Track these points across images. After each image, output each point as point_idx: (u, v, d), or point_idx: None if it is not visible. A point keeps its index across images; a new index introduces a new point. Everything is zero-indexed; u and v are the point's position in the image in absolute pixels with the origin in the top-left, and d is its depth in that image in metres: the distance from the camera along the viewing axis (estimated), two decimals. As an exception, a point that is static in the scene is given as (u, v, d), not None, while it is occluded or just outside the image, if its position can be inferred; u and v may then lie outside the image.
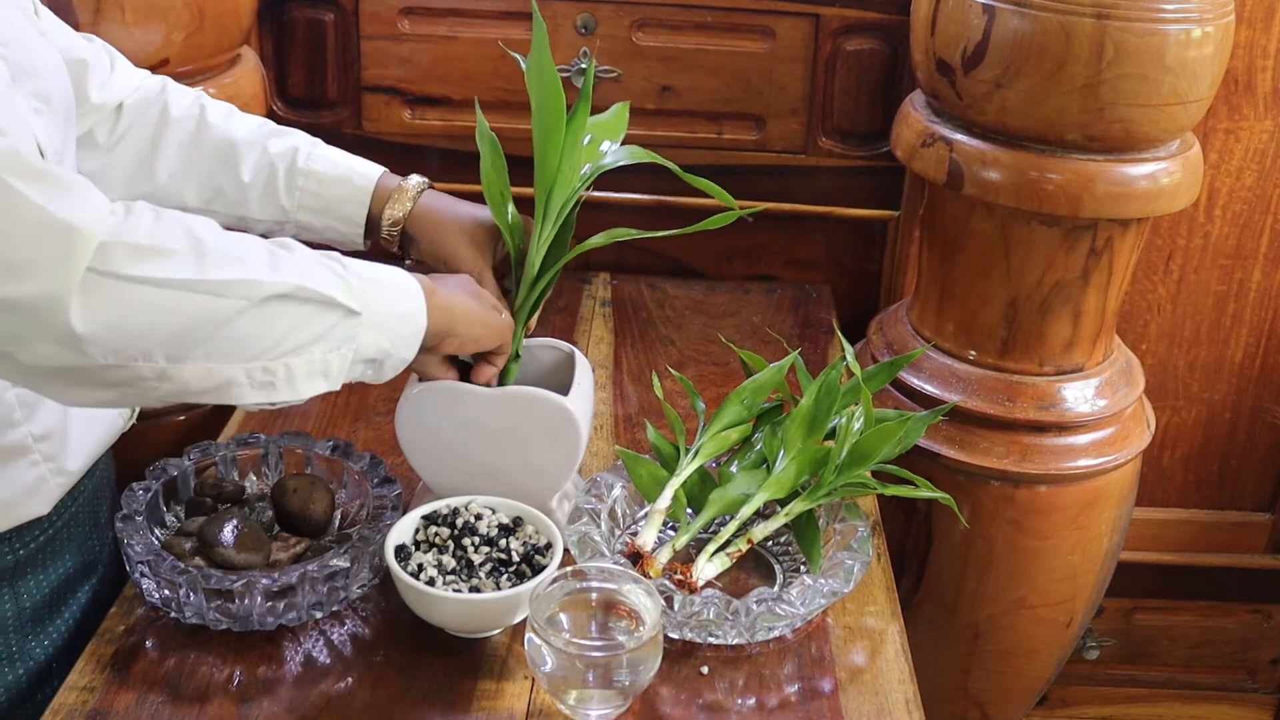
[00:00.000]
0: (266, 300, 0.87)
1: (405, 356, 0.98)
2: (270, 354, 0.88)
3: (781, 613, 1.05)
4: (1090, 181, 1.37)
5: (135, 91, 1.16)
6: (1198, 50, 1.32)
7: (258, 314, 0.86)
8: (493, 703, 1.01)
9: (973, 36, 1.36)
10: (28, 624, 1.06)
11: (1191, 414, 1.92)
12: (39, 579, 1.07)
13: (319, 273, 0.91)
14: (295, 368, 0.90)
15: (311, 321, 0.89)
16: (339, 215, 1.15)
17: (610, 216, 1.70)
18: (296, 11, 1.69)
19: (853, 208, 1.77)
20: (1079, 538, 1.54)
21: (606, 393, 1.48)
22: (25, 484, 1.02)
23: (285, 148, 1.15)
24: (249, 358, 0.87)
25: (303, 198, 1.14)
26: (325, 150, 1.16)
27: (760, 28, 1.69)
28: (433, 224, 1.14)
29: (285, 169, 1.14)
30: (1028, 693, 1.72)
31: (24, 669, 1.06)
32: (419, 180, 1.16)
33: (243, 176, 1.14)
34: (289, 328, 0.88)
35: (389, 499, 1.14)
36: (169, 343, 0.84)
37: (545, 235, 1.09)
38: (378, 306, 0.94)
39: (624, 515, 1.20)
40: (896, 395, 1.54)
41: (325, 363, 0.91)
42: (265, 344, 0.88)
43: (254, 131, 1.16)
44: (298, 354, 0.89)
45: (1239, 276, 1.83)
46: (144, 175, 1.15)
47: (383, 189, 1.15)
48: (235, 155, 1.14)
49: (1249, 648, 2.09)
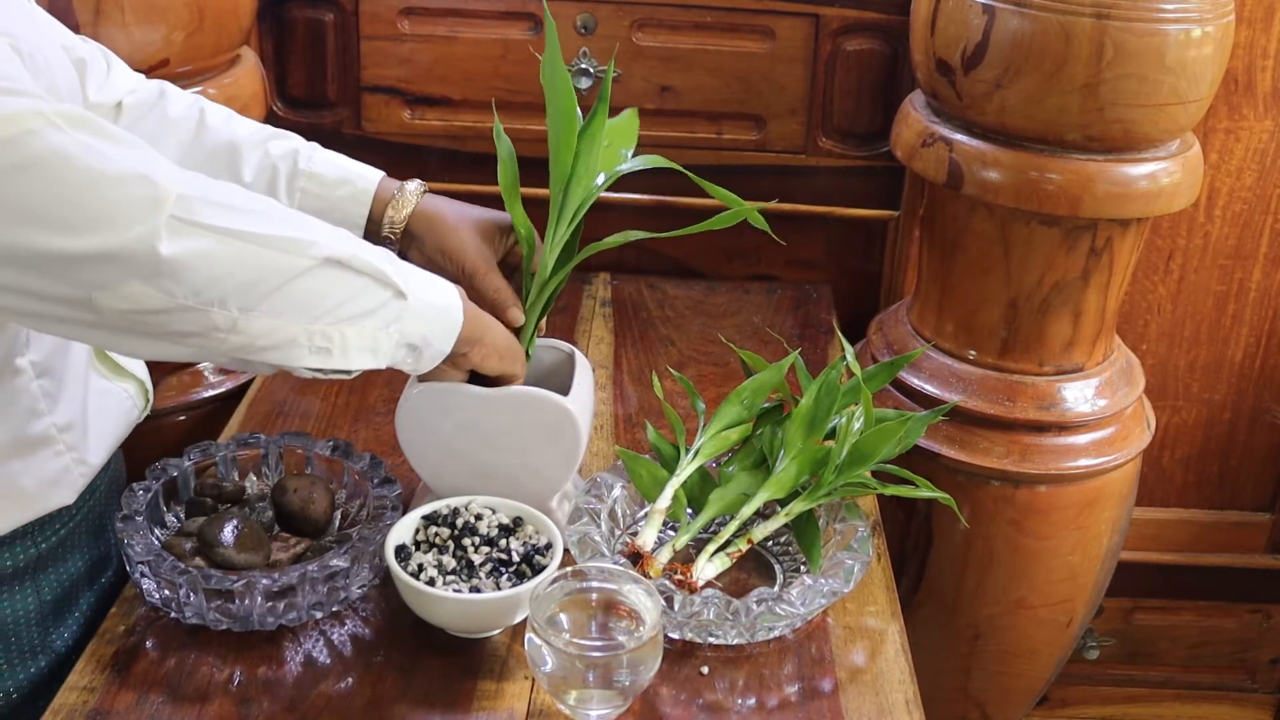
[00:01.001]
0: (327, 262, 0.91)
1: (443, 349, 1.01)
2: (329, 318, 0.92)
3: (781, 613, 1.05)
4: (1090, 181, 1.37)
5: (133, 93, 1.16)
6: (1198, 50, 1.32)
7: (319, 275, 0.90)
8: (493, 703, 1.01)
9: (972, 36, 1.36)
10: (49, 617, 1.08)
11: (1191, 414, 1.92)
12: (59, 572, 1.08)
13: (371, 251, 0.95)
14: (350, 337, 0.93)
15: (365, 294, 0.93)
16: (340, 216, 1.15)
17: (611, 217, 1.71)
18: (296, 11, 1.69)
19: (853, 208, 1.77)
20: (1079, 538, 1.54)
21: (606, 393, 1.48)
22: (51, 474, 1.04)
23: (286, 150, 1.15)
24: (311, 319, 0.91)
25: (304, 199, 1.15)
26: (325, 153, 1.17)
27: (760, 28, 1.69)
28: (437, 220, 1.14)
29: (287, 170, 1.14)
30: (1028, 693, 1.72)
31: (46, 661, 1.08)
32: (419, 183, 1.17)
33: (244, 177, 1.14)
34: (346, 296, 0.92)
35: (389, 499, 1.14)
36: (241, 291, 0.86)
37: (559, 236, 1.10)
38: (421, 295, 0.98)
39: (624, 515, 1.20)
40: (896, 395, 1.54)
41: (375, 339, 0.95)
42: (325, 306, 0.91)
43: (255, 133, 1.16)
44: (352, 324, 0.93)
45: (1239, 276, 1.83)
46: None
47: (384, 190, 1.16)
48: (237, 156, 1.15)
49: (1249, 648, 2.09)
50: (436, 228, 1.14)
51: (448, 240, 1.14)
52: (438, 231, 1.14)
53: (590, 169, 1.08)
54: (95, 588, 1.14)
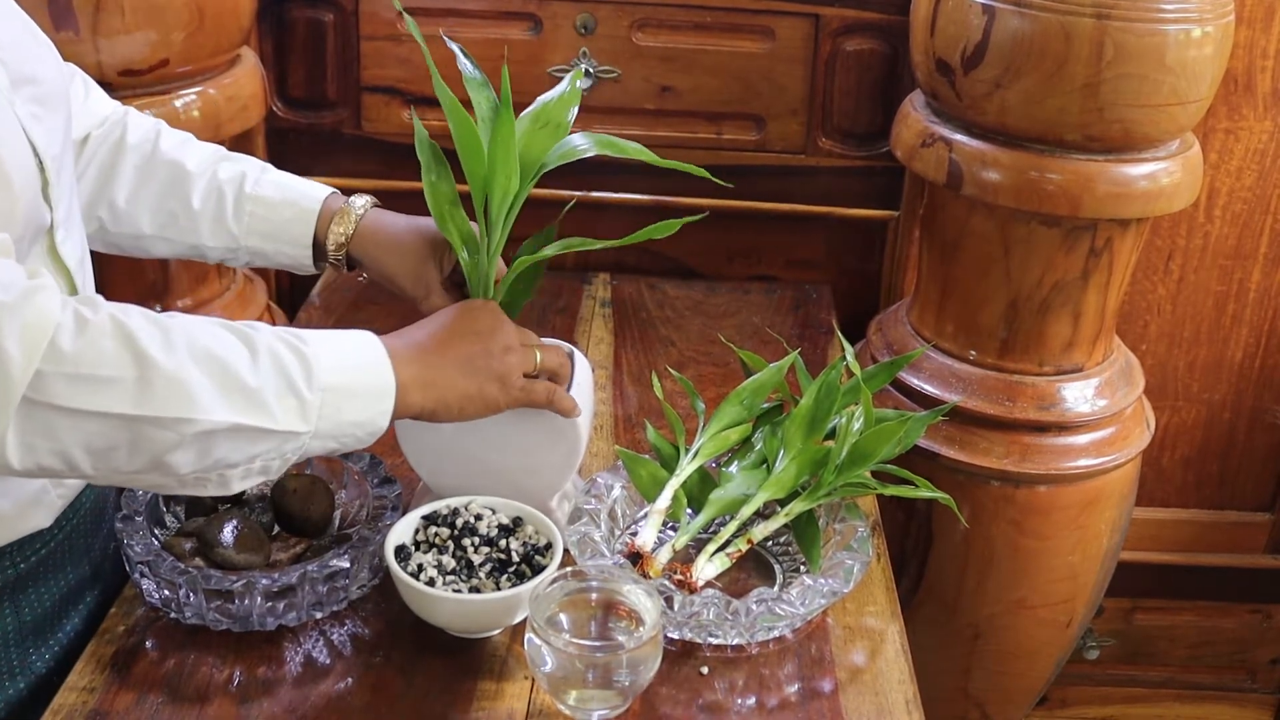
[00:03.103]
0: (204, 434, 0.86)
1: (363, 445, 0.96)
2: (204, 470, 0.88)
3: (781, 613, 1.05)
4: (1090, 182, 1.37)
5: (100, 125, 1.16)
6: (1197, 50, 1.32)
7: (194, 444, 0.86)
8: (493, 703, 1.01)
9: (972, 37, 1.36)
10: (29, 637, 1.05)
11: (1191, 414, 1.92)
12: (40, 592, 1.06)
13: (272, 393, 0.88)
14: (230, 476, 0.90)
15: (254, 443, 0.89)
16: (287, 239, 1.14)
17: (611, 217, 1.71)
18: (296, 12, 1.69)
19: (852, 208, 1.77)
20: (1079, 538, 1.54)
21: (606, 393, 1.48)
22: (27, 496, 1.01)
23: (234, 174, 1.14)
24: (180, 476, 0.88)
25: (251, 222, 1.14)
26: (275, 175, 1.16)
27: (760, 28, 1.69)
28: (374, 244, 1.12)
29: (234, 195, 1.14)
30: (1028, 693, 1.72)
31: (25, 682, 1.05)
32: (365, 200, 1.15)
33: (193, 203, 1.14)
34: (226, 452, 0.88)
35: (389, 499, 1.14)
36: (97, 458, 0.84)
37: (495, 245, 1.06)
38: (336, 419, 0.91)
39: (624, 515, 1.20)
40: (896, 395, 1.54)
41: (265, 467, 0.91)
42: (200, 466, 0.88)
43: (205, 159, 1.15)
44: (234, 468, 0.89)
45: (1239, 277, 1.83)
46: (102, 201, 1.15)
47: (328, 210, 1.14)
48: (186, 182, 1.14)
49: (1248, 648, 2.09)
50: (372, 252, 1.12)
51: (386, 265, 1.12)
52: (377, 253, 1.12)
53: (508, 172, 1.03)
54: (79, 609, 1.11)
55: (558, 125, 1.07)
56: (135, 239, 1.17)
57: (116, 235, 1.17)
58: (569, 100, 1.07)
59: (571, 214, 1.12)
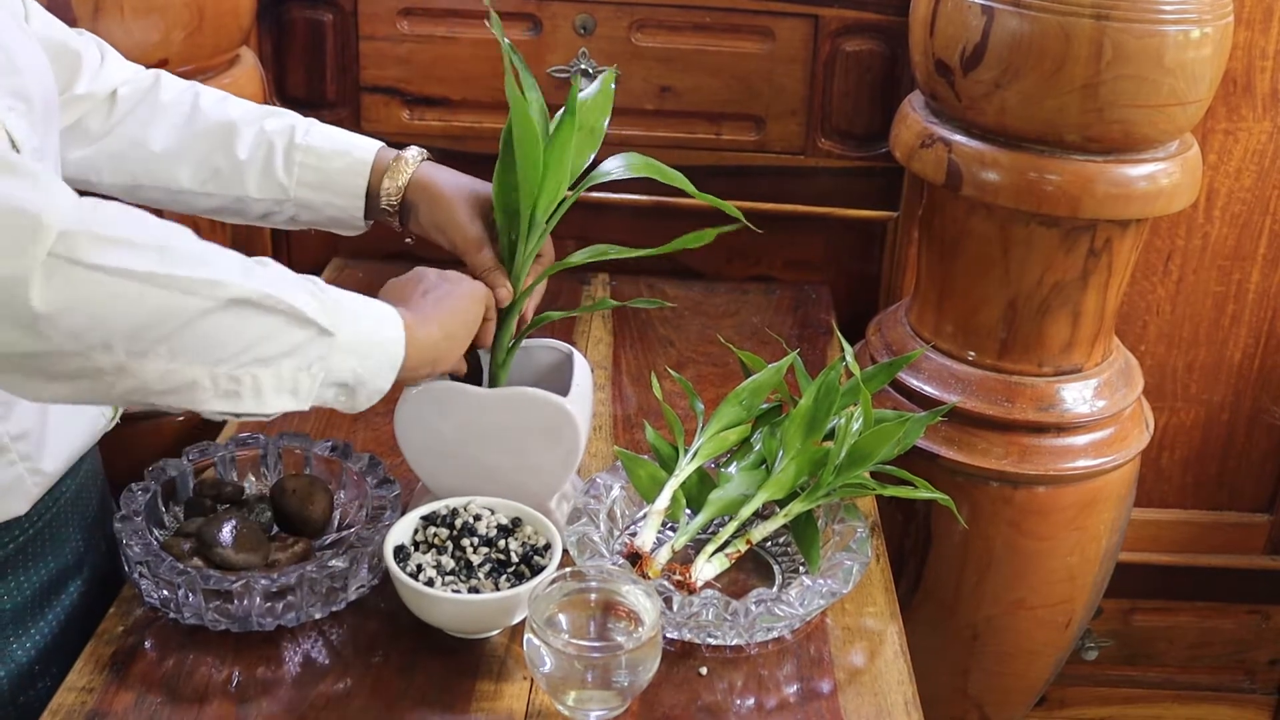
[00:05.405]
0: (233, 303, 0.84)
1: (381, 386, 0.95)
2: (236, 361, 0.85)
3: (780, 613, 1.05)
4: (1089, 182, 1.37)
5: (127, 83, 1.16)
6: (1196, 51, 1.32)
7: (224, 316, 0.83)
8: (492, 703, 1.01)
9: (971, 37, 1.36)
10: (8, 625, 1.05)
11: (1190, 415, 1.93)
12: (19, 580, 1.05)
13: (292, 287, 0.88)
14: (263, 380, 0.87)
15: (281, 333, 0.86)
16: (338, 189, 1.14)
17: (610, 217, 1.71)
18: (296, 11, 1.69)
19: (852, 209, 1.77)
20: (1078, 538, 1.54)
21: (605, 393, 1.48)
22: (3, 483, 1.00)
23: (282, 125, 1.14)
24: (214, 361, 0.84)
25: (301, 173, 1.14)
26: (322, 127, 1.16)
27: (760, 28, 1.69)
28: (432, 191, 1.13)
29: (284, 145, 1.14)
30: (1027, 693, 1.72)
31: (4, 671, 1.05)
32: (418, 150, 1.16)
33: (239, 154, 1.13)
34: (257, 336, 0.85)
35: (388, 499, 1.14)
36: (130, 336, 0.81)
37: (530, 249, 1.10)
38: (353, 330, 0.91)
39: (623, 516, 1.20)
40: (895, 396, 1.54)
41: (294, 380, 0.88)
42: (231, 349, 0.85)
43: (250, 111, 1.16)
44: (265, 366, 0.86)
45: (1238, 277, 1.83)
46: (135, 155, 1.14)
47: (381, 161, 1.15)
48: (232, 134, 1.14)
49: (1247, 649, 2.09)
50: (430, 200, 1.13)
51: (439, 214, 1.12)
52: (431, 204, 1.13)
53: (559, 182, 1.06)
54: (61, 599, 1.10)
55: (592, 130, 1.09)
56: (173, 193, 1.16)
57: (152, 190, 1.16)
58: (603, 106, 1.10)
59: (571, 214, 1.12)
